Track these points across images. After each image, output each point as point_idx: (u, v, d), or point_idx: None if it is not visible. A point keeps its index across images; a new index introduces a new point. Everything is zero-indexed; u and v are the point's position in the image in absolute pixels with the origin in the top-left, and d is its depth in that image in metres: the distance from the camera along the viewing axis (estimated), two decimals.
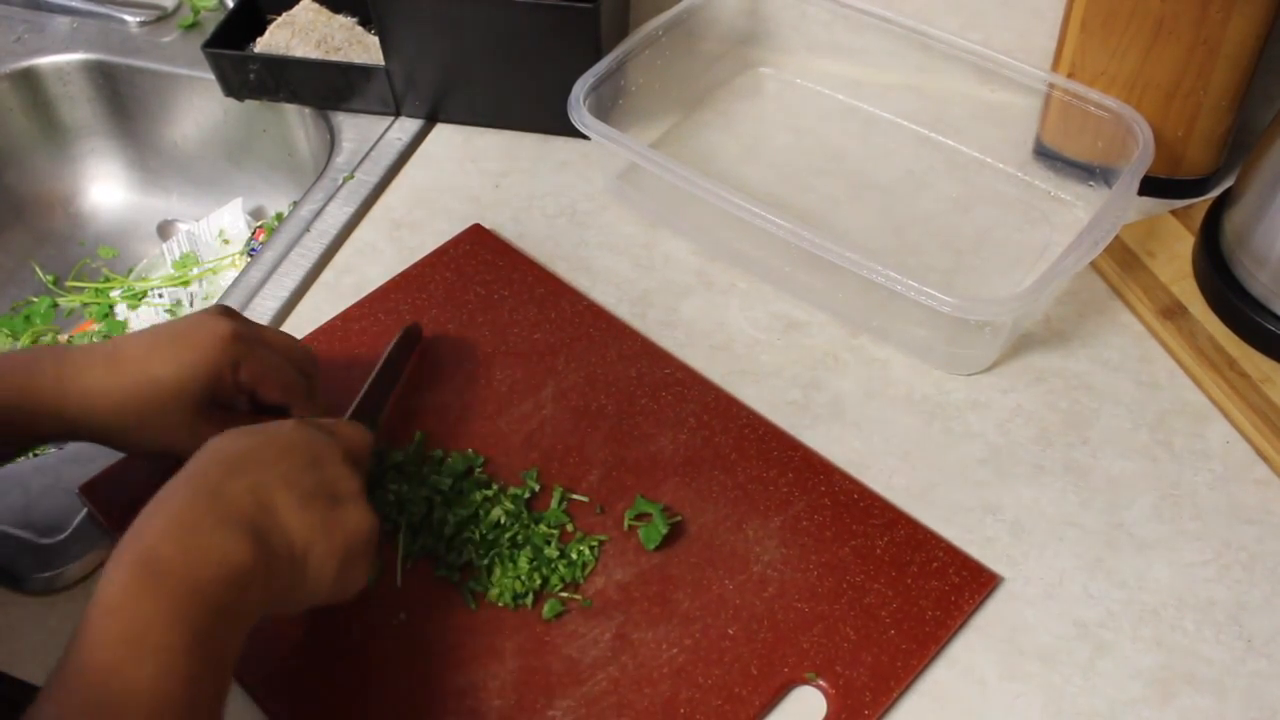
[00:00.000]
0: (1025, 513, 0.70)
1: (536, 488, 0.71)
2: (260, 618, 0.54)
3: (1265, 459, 0.72)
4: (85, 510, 0.71)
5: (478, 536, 0.68)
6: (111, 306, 1.05)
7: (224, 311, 0.69)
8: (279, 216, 1.09)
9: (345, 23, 1.02)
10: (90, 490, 0.71)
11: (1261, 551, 0.68)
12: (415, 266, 0.85)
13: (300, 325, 0.83)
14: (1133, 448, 0.73)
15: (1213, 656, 0.63)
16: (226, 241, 1.07)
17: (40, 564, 0.69)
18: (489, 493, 0.70)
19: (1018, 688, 0.63)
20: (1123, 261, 0.83)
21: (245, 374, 0.66)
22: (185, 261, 1.06)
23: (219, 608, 0.50)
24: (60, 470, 0.74)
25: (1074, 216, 0.88)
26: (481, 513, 0.69)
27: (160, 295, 1.05)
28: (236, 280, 0.87)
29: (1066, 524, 0.70)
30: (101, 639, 0.47)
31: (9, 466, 0.79)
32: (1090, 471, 0.72)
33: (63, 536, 0.70)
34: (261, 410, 0.69)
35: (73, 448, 0.76)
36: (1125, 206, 0.75)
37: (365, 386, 0.72)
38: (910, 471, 0.72)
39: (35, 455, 0.94)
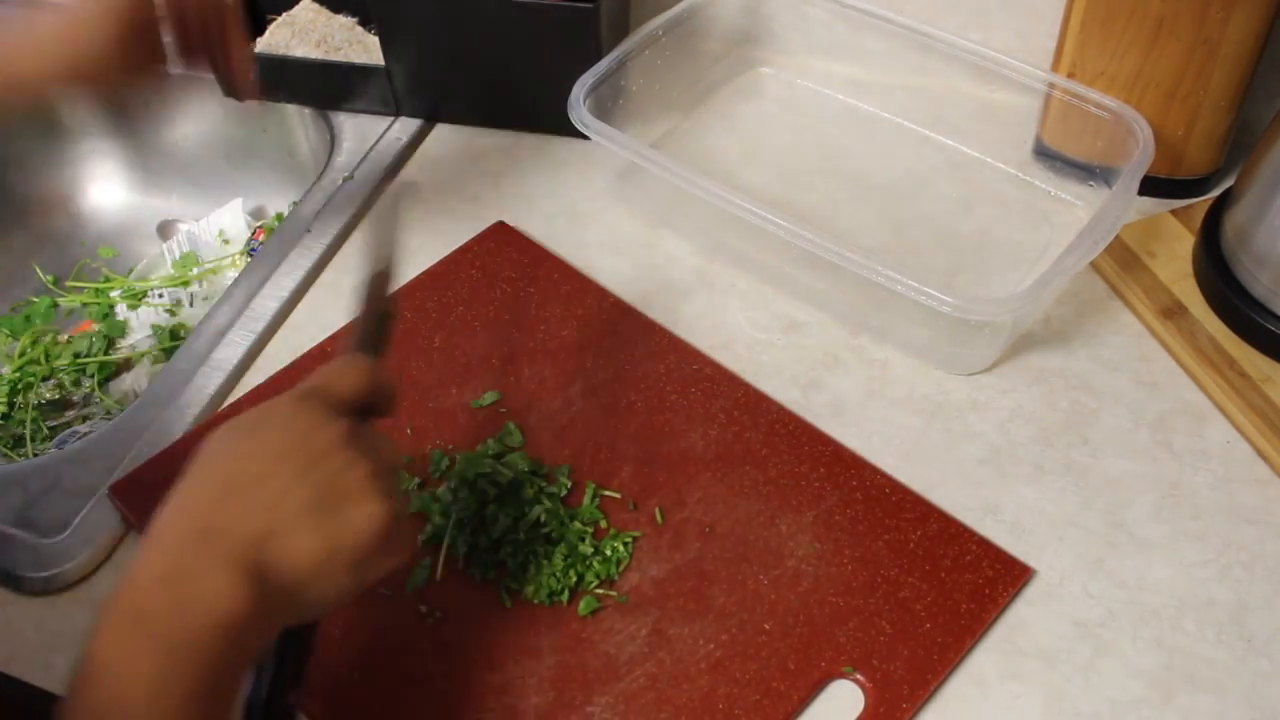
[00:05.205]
0: (1025, 513, 0.70)
1: (569, 485, 0.71)
2: (263, 647, 0.51)
3: (1265, 459, 0.72)
4: (85, 510, 0.71)
5: (518, 535, 0.68)
6: (112, 306, 1.05)
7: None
8: (279, 217, 1.09)
9: (345, 23, 1.02)
10: (119, 490, 0.71)
11: (1262, 551, 0.68)
12: (440, 264, 0.85)
13: (305, 326, 0.83)
14: (1133, 448, 0.73)
15: (1213, 657, 0.63)
16: (226, 241, 1.07)
17: (40, 564, 0.69)
18: (531, 491, 0.70)
19: (1018, 688, 0.63)
20: (1123, 261, 0.83)
21: None
22: (185, 261, 1.06)
23: (213, 655, 0.46)
24: (60, 470, 0.74)
25: (1074, 216, 0.87)
26: (525, 510, 0.69)
27: (160, 295, 1.05)
28: (236, 280, 0.86)
29: (1066, 524, 0.70)
30: (96, 691, 0.45)
31: (9, 466, 0.80)
32: (1090, 471, 0.72)
33: (63, 536, 0.70)
34: None
35: (74, 448, 0.76)
36: (1125, 206, 0.75)
37: (360, 316, 0.63)
38: (910, 471, 0.72)
39: (35, 455, 0.94)
